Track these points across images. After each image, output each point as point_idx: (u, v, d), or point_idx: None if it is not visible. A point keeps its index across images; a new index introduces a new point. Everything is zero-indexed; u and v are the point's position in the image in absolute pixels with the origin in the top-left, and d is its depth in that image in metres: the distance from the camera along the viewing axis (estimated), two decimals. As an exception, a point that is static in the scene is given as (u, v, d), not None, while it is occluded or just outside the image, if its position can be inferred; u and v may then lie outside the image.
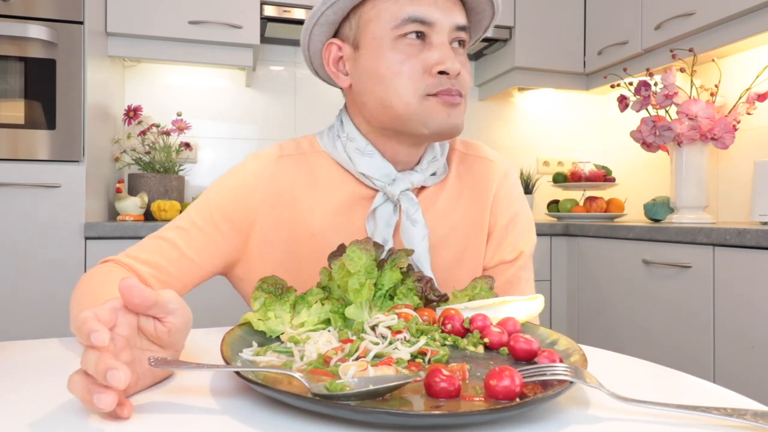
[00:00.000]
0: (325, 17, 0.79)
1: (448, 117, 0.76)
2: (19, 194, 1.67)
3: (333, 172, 0.83)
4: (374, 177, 0.80)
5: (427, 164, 0.83)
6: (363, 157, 0.80)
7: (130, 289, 0.45)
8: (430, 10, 0.74)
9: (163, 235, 0.80)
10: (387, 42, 0.75)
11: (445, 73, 0.74)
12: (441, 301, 0.70)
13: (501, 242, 0.87)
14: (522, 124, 2.83)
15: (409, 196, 0.80)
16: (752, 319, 1.43)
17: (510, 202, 0.89)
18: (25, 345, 0.65)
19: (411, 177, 0.81)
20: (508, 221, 0.88)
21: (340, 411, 0.40)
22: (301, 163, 0.84)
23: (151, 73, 2.35)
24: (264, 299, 0.63)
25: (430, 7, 0.74)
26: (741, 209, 2.10)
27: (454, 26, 0.76)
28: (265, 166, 0.83)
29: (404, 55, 0.74)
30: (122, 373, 0.40)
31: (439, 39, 0.75)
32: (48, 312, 1.68)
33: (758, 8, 1.74)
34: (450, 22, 0.75)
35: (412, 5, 0.74)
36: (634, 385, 0.54)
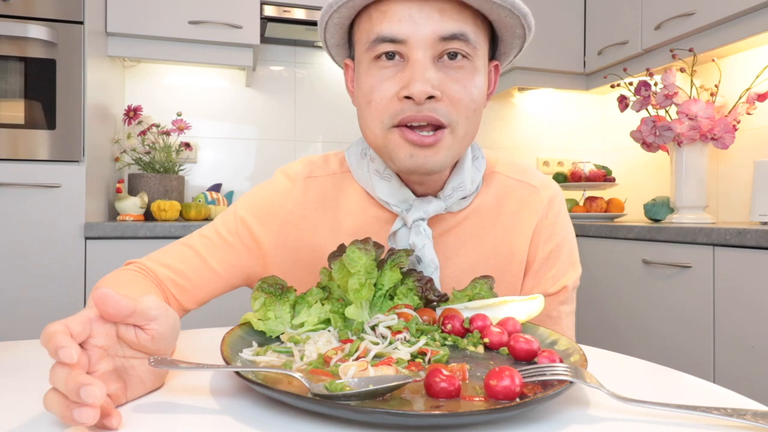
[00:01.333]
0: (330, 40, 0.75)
1: (411, 157, 0.67)
2: (19, 194, 1.67)
3: (358, 195, 0.80)
4: (392, 203, 0.76)
5: (452, 190, 0.75)
6: (381, 181, 0.76)
7: (104, 299, 0.42)
8: (402, 25, 0.65)
9: (188, 242, 0.79)
10: (364, 66, 0.69)
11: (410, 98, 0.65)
12: (441, 301, 0.70)
13: (542, 275, 0.81)
14: (522, 124, 2.83)
15: (420, 228, 0.73)
16: (752, 319, 1.43)
17: (553, 231, 0.81)
18: (25, 345, 0.65)
19: (427, 206, 0.74)
20: (549, 253, 0.80)
21: (340, 411, 0.40)
22: (327, 186, 0.80)
23: (151, 73, 2.35)
24: (264, 299, 0.63)
25: (401, 22, 0.65)
26: (741, 209, 2.10)
27: (436, 38, 0.65)
28: (292, 186, 0.80)
29: (377, 80, 0.67)
30: (96, 389, 0.37)
31: (416, 55, 0.65)
32: (48, 312, 1.68)
33: (758, 8, 1.74)
34: (427, 35, 0.65)
35: (382, 22, 0.66)
36: (634, 385, 0.54)
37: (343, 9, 0.68)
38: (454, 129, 0.68)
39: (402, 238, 0.74)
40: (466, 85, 0.67)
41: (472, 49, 0.67)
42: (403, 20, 0.65)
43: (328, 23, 0.71)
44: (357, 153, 0.81)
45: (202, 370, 0.46)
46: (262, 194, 0.81)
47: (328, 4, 0.68)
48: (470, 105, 0.68)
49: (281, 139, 2.51)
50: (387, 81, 0.67)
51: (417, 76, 0.64)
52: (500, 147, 2.79)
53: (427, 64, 0.65)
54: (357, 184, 0.80)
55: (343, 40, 0.75)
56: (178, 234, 1.77)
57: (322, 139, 2.56)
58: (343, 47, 0.77)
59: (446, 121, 0.67)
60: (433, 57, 0.66)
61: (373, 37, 0.67)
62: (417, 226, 0.73)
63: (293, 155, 2.53)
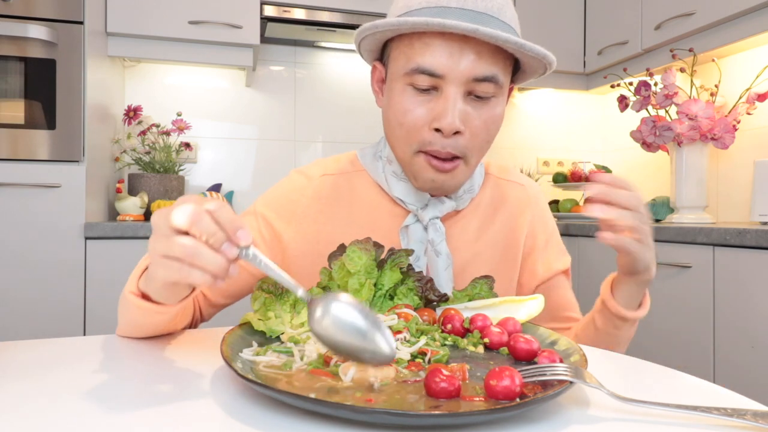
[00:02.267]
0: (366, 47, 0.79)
1: (433, 180, 0.76)
2: (19, 194, 1.67)
3: (371, 191, 0.85)
4: (408, 201, 0.82)
5: (464, 192, 0.84)
6: (399, 182, 0.82)
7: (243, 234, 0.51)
8: (442, 60, 0.69)
9: None
10: (399, 85, 0.74)
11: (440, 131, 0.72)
12: (441, 301, 0.70)
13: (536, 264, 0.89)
14: (522, 124, 2.83)
15: (436, 225, 0.81)
16: (752, 319, 1.43)
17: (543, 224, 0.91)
18: (24, 345, 0.65)
19: (442, 205, 0.82)
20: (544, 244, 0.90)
21: (340, 411, 0.40)
22: (341, 183, 0.86)
23: (151, 73, 2.35)
24: (264, 299, 0.63)
25: (442, 57, 0.69)
26: (741, 209, 2.10)
27: (469, 78, 0.70)
28: (308, 183, 0.86)
29: (411, 103, 0.73)
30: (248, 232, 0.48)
31: (449, 91, 0.71)
32: (48, 312, 1.68)
33: (758, 8, 1.74)
34: (464, 74, 0.70)
35: (424, 55, 0.70)
36: (634, 385, 0.54)
37: (389, 32, 0.74)
38: (468, 159, 0.76)
39: (414, 232, 0.81)
40: (486, 121, 0.74)
41: (499, 89, 0.73)
42: (444, 57, 0.70)
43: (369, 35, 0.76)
44: (370, 155, 0.87)
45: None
46: (280, 191, 0.86)
47: (373, 24, 0.72)
48: (486, 138, 0.75)
49: (281, 139, 2.51)
50: (420, 108, 0.73)
51: (449, 111, 0.70)
52: (500, 147, 2.79)
53: (458, 100, 0.71)
54: (370, 182, 0.86)
55: (377, 48, 0.80)
56: (178, 234, 1.77)
57: (322, 139, 2.56)
58: (375, 52, 0.81)
59: (462, 153, 0.74)
60: (464, 93, 0.72)
61: (413, 66, 0.71)
62: (433, 224, 0.80)
63: (293, 155, 2.53)
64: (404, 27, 0.70)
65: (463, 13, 0.69)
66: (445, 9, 0.69)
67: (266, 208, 0.85)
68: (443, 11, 0.69)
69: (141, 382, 0.51)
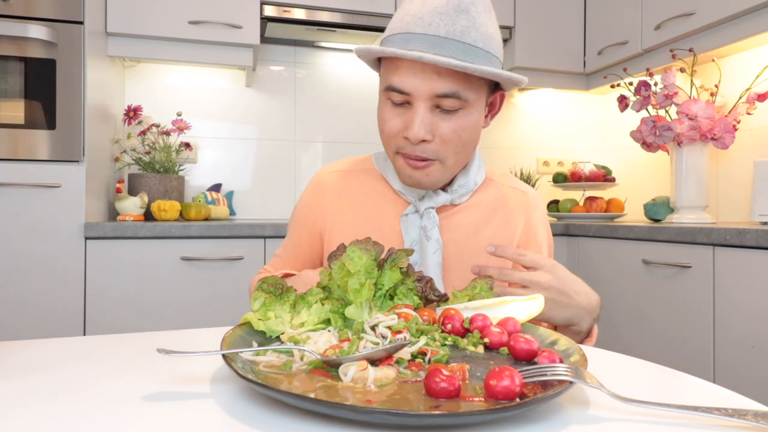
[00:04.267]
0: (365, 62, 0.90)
1: (410, 176, 0.87)
2: (19, 194, 1.67)
3: (377, 184, 0.98)
4: (406, 193, 0.93)
5: (458, 187, 0.93)
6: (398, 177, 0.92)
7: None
8: (408, 80, 0.80)
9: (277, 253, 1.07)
10: (381, 98, 0.86)
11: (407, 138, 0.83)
12: (441, 301, 0.70)
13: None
14: (522, 124, 2.83)
15: (430, 214, 0.91)
16: (752, 319, 1.43)
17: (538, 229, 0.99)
18: (24, 345, 0.65)
19: (437, 197, 0.92)
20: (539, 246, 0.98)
21: (340, 411, 0.40)
22: (351, 179, 0.99)
23: (151, 73, 2.35)
24: (264, 299, 0.63)
25: (407, 78, 0.80)
26: (741, 209, 2.10)
27: (432, 95, 0.80)
28: (323, 179, 1.00)
29: (389, 115, 0.84)
30: None
31: (417, 105, 0.81)
32: (48, 312, 1.68)
33: (758, 8, 1.75)
34: (427, 91, 0.79)
35: (394, 75, 0.81)
36: (634, 385, 0.54)
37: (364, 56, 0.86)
38: (443, 161, 0.85)
39: (412, 220, 0.92)
40: (455, 129, 0.83)
41: (463, 102, 0.81)
42: (409, 77, 0.80)
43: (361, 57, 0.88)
44: (382, 157, 1.01)
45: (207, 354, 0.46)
46: (304, 193, 1.03)
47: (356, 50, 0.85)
48: (458, 143, 0.84)
49: (281, 139, 2.51)
50: (395, 118, 0.84)
51: (415, 122, 0.81)
52: (500, 147, 2.79)
53: (424, 113, 0.81)
54: (378, 177, 0.99)
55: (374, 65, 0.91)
56: (178, 234, 1.77)
57: (322, 139, 2.56)
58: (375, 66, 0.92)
59: (434, 156, 0.84)
60: (431, 106, 0.81)
61: (387, 84, 0.83)
62: (428, 213, 0.91)
63: (293, 155, 2.53)
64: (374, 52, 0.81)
65: (425, 38, 0.78)
66: (412, 35, 0.79)
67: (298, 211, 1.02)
68: (410, 37, 0.79)
69: (141, 382, 0.51)
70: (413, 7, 0.81)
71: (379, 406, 0.41)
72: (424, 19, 0.78)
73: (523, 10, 2.43)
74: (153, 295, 1.77)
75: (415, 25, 0.79)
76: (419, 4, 0.80)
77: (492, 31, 0.82)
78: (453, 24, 0.78)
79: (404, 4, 0.84)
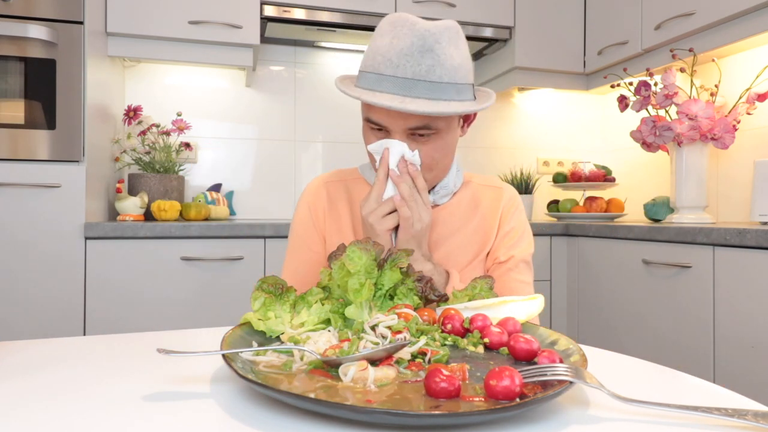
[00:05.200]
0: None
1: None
2: (19, 194, 1.67)
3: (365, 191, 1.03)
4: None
5: (440, 188, 1.00)
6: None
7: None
8: (382, 117, 0.88)
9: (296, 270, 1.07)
10: (364, 123, 0.94)
11: None
12: (441, 301, 0.70)
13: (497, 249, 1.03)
14: (522, 124, 2.83)
15: None
16: (752, 319, 1.43)
17: (510, 217, 1.04)
18: (24, 345, 0.65)
19: None
20: (505, 233, 1.03)
21: (340, 411, 0.40)
22: (340, 188, 1.06)
23: (151, 73, 2.35)
24: (264, 299, 0.63)
25: (381, 115, 0.87)
26: (741, 209, 2.10)
27: (405, 129, 0.87)
28: (317, 189, 1.07)
29: (371, 138, 0.92)
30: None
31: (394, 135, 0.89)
32: (48, 312, 1.68)
33: (758, 8, 1.74)
34: (400, 126, 0.87)
35: (370, 111, 0.89)
36: (634, 385, 0.54)
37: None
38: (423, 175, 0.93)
39: None
40: (433, 148, 0.90)
41: (435, 131, 0.89)
42: (383, 116, 0.87)
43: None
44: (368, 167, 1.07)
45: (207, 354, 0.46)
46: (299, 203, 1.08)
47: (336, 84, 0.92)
48: (432, 163, 0.92)
49: (281, 139, 2.51)
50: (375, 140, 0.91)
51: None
52: (500, 147, 2.79)
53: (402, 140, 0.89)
54: (365, 184, 1.06)
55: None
56: (178, 234, 1.77)
57: (322, 139, 2.56)
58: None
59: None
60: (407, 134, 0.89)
61: (365, 117, 0.91)
62: None
63: (293, 155, 2.53)
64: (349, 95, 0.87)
65: (395, 80, 0.84)
66: (381, 77, 0.85)
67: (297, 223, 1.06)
68: (380, 78, 0.85)
69: (141, 382, 0.51)
70: (383, 46, 0.86)
71: (379, 406, 0.42)
72: (393, 61, 0.85)
73: (523, 10, 2.43)
74: (153, 295, 1.77)
75: (385, 67, 0.85)
76: (388, 43, 0.86)
77: (459, 61, 0.87)
78: (418, 65, 0.84)
79: (375, 39, 0.89)
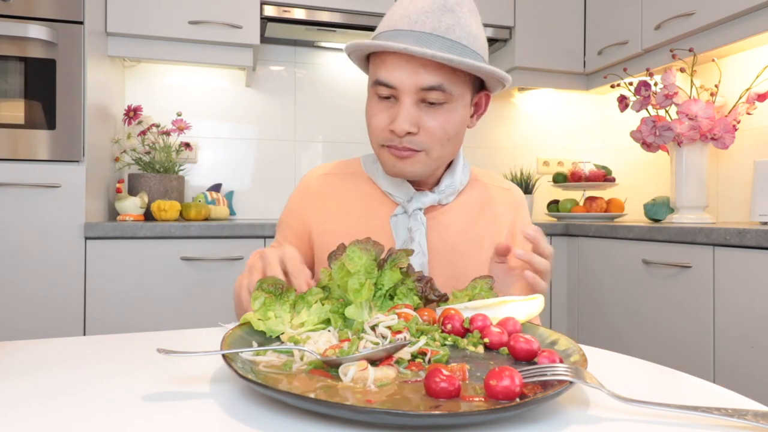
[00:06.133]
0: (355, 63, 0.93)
1: (394, 166, 0.89)
2: (19, 194, 1.67)
3: (365, 186, 0.99)
4: (395, 194, 0.95)
5: (446, 187, 0.95)
6: (387, 177, 0.95)
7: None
8: (394, 74, 0.83)
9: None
10: (370, 94, 0.89)
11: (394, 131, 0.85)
12: (441, 301, 0.70)
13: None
14: (522, 124, 2.83)
15: (417, 216, 0.93)
16: (752, 319, 1.43)
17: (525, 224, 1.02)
18: (24, 345, 0.65)
19: (424, 198, 0.94)
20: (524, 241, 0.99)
21: (340, 411, 0.40)
22: (338, 182, 1.00)
23: (151, 73, 2.35)
24: (264, 299, 0.63)
25: (393, 71, 0.83)
26: (741, 209, 2.10)
27: (417, 87, 0.82)
28: (311, 182, 1.01)
29: (376, 109, 0.87)
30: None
31: (403, 99, 0.83)
32: (48, 312, 1.68)
33: (758, 8, 1.74)
34: (412, 84, 0.82)
35: (382, 70, 0.84)
36: (634, 385, 0.54)
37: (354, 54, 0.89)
38: (428, 152, 0.87)
39: (401, 221, 0.94)
40: (441, 122, 0.85)
41: (448, 96, 0.84)
42: (395, 70, 0.83)
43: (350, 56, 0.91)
44: (370, 159, 1.02)
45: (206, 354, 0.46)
46: (292, 196, 1.03)
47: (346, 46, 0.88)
48: (444, 136, 0.86)
49: (281, 139, 2.51)
50: (382, 113, 0.87)
51: (401, 116, 0.83)
52: (500, 147, 2.79)
53: (409, 106, 0.84)
54: (366, 179, 1.00)
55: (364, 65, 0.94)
56: (178, 234, 1.77)
57: (322, 139, 2.56)
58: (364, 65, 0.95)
59: (419, 148, 0.86)
60: (416, 100, 0.84)
61: (375, 79, 0.86)
62: (415, 215, 0.93)
63: (293, 155, 2.53)
64: (362, 46, 0.85)
65: (412, 34, 0.82)
66: (399, 32, 0.83)
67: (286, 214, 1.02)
68: (396, 33, 0.83)
69: (141, 382, 0.51)
70: (401, 7, 0.85)
71: (379, 406, 0.42)
72: (411, 17, 0.82)
73: (523, 10, 2.43)
74: (153, 295, 1.77)
75: (402, 23, 0.83)
76: (407, 3, 0.84)
77: (476, 32, 0.85)
78: (438, 21, 0.81)
79: (392, 7, 0.88)
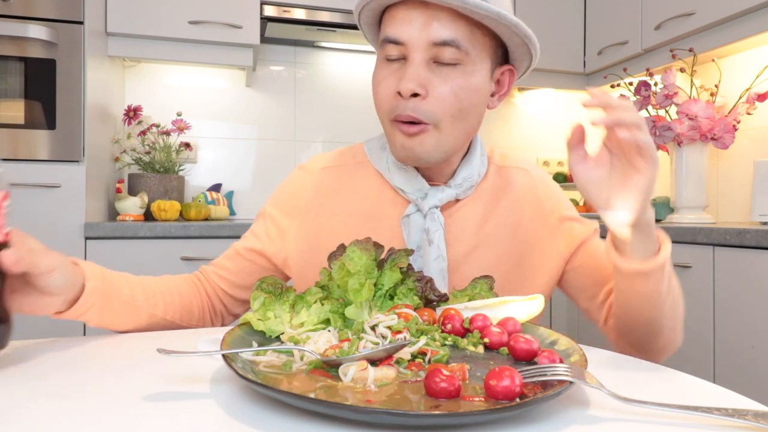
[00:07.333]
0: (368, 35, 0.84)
1: (402, 146, 0.77)
2: (19, 194, 1.66)
3: (373, 181, 0.86)
4: (408, 191, 0.83)
5: (462, 180, 0.84)
6: (399, 171, 0.83)
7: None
8: (403, 28, 0.73)
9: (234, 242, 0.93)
10: (378, 60, 0.79)
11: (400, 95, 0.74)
12: (441, 301, 0.70)
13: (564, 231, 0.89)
14: (522, 124, 2.83)
15: (434, 215, 0.81)
16: (752, 319, 1.43)
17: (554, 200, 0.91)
18: (24, 345, 0.65)
19: (441, 194, 0.82)
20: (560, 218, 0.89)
21: (340, 411, 0.40)
22: (342, 174, 0.88)
23: (151, 73, 2.35)
24: (263, 299, 0.63)
25: (403, 25, 0.73)
26: (741, 209, 2.10)
27: (429, 42, 0.72)
28: (309, 177, 0.89)
29: (383, 74, 0.76)
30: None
31: (412, 57, 0.73)
32: (48, 312, 1.68)
33: (758, 8, 1.74)
34: (423, 38, 0.72)
35: (390, 25, 0.75)
36: (634, 385, 0.54)
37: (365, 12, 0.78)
38: (438, 126, 0.75)
39: (415, 221, 0.82)
40: (453, 86, 0.74)
41: (464, 55, 0.73)
42: (405, 24, 0.73)
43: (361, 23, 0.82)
44: (377, 146, 0.88)
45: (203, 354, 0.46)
46: (284, 189, 0.90)
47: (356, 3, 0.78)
48: (455, 104, 0.74)
49: (281, 139, 2.51)
50: (390, 77, 0.76)
51: (407, 74, 0.73)
52: (500, 147, 2.79)
53: (419, 65, 0.73)
54: (373, 172, 0.87)
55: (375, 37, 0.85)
56: (178, 234, 1.77)
57: (322, 139, 2.56)
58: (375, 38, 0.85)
59: (426, 119, 0.74)
60: (428, 59, 0.73)
61: (383, 37, 0.76)
62: (432, 214, 0.81)
63: (293, 155, 2.53)
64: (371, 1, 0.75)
65: None
66: None
67: (272, 207, 0.89)
68: None
69: (141, 382, 0.51)
70: None
71: (379, 406, 0.41)
72: None
73: (523, 10, 2.43)
74: (153, 295, 1.77)
75: None
76: None
77: None
78: None
79: None
